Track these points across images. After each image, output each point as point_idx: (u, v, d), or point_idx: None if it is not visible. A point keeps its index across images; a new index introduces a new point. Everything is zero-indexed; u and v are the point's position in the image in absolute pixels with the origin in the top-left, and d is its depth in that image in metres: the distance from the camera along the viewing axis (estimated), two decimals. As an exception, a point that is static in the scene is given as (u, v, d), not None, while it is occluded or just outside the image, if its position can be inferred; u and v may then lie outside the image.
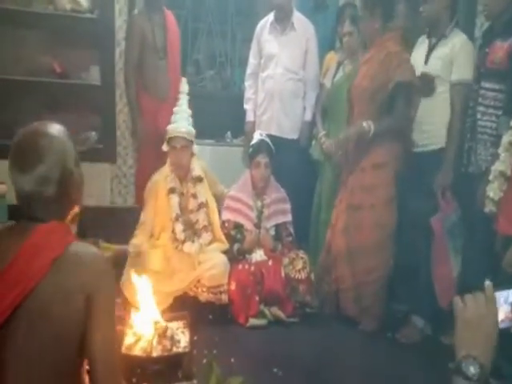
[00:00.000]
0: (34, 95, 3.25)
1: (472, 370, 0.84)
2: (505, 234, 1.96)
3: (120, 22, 3.42)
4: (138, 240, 2.63)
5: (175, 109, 2.73)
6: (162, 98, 3.12)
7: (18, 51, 3.30)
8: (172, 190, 2.67)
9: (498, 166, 2.01)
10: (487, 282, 0.91)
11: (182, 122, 2.66)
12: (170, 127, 2.67)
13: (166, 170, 2.72)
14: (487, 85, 2.23)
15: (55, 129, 1.11)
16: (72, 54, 3.39)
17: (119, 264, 2.84)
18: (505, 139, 2.00)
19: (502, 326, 0.92)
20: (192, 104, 2.81)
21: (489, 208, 2.03)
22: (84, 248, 1.12)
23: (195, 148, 2.74)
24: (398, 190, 2.52)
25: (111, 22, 3.40)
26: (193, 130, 2.69)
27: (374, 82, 2.45)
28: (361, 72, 2.55)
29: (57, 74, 3.32)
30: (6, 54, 3.26)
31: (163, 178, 2.68)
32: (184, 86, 2.74)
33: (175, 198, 2.67)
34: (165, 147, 2.71)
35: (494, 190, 2.01)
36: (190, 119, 2.70)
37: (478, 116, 2.27)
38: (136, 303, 2.28)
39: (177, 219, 2.66)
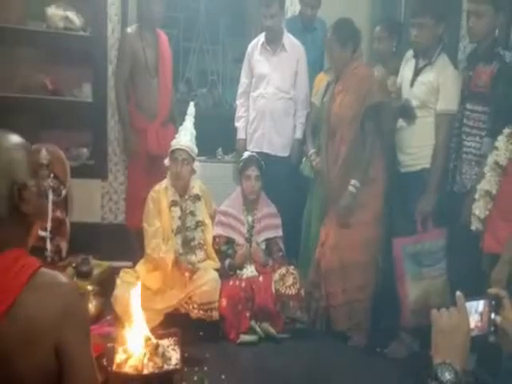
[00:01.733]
0: (27, 112, 3.26)
1: (447, 375, 0.90)
2: (490, 251, 2.01)
3: (113, 40, 3.46)
4: (155, 243, 2.63)
5: (180, 127, 2.80)
6: (152, 116, 3.15)
7: (10, 68, 3.32)
8: (174, 203, 2.71)
9: (483, 185, 2.06)
10: (458, 293, 0.98)
11: (185, 137, 2.73)
12: (173, 141, 2.74)
13: (165, 182, 2.76)
14: (471, 107, 2.29)
15: (2, 139, 0.95)
16: (64, 71, 3.42)
17: (109, 281, 2.84)
18: (490, 159, 2.06)
19: (471, 334, 0.97)
20: (183, 121, 2.87)
21: (475, 226, 2.08)
22: (47, 280, 0.93)
23: (197, 166, 2.78)
24: (385, 206, 2.58)
25: (104, 39, 3.44)
26: (195, 148, 2.75)
27: (351, 110, 2.55)
28: (337, 101, 2.64)
29: (49, 90, 3.34)
30: (-1, 71, 3.28)
31: (163, 189, 2.72)
32: (191, 109, 2.83)
33: (177, 212, 2.72)
34: (167, 161, 2.76)
35: (479, 209, 2.06)
36: (194, 139, 2.77)
37: (463, 136, 2.33)
38: (127, 319, 2.28)
39: (178, 232, 2.70)
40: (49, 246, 3.00)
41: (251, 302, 2.60)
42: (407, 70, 2.57)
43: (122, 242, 3.17)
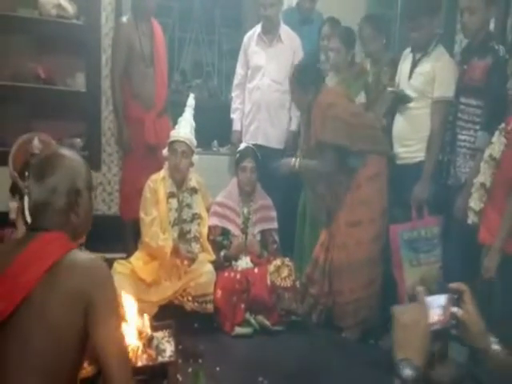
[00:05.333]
0: (19, 101, 3.22)
1: (407, 371, 0.89)
2: (485, 243, 2.03)
3: (106, 29, 3.41)
4: (153, 232, 2.61)
5: (180, 118, 2.77)
6: (148, 106, 3.12)
7: (2, 56, 3.26)
8: (172, 195, 2.70)
9: (479, 178, 2.08)
10: (419, 288, 0.99)
11: (184, 128, 2.70)
12: (172, 132, 2.72)
13: (163, 172, 2.73)
14: (466, 100, 2.31)
15: (70, 152, 1.26)
16: (57, 60, 3.37)
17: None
18: (486, 152, 2.08)
19: (434, 328, 0.98)
20: (178, 112, 2.85)
21: (471, 219, 2.10)
22: (81, 255, 1.15)
23: (195, 159, 2.76)
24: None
25: (97, 28, 3.40)
26: (194, 140, 2.73)
27: None
28: None
29: (42, 79, 3.29)
30: (-9, 59, 3.23)
31: (161, 179, 2.70)
32: (191, 101, 2.80)
33: (175, 204, 2.70)
34: (165, 152, 2.73)
35: (474, 201, 2.09)
36: (193, 131, 2.74)
37: (458, 130, 2.34)
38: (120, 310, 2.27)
39: (174, 224, 2.69)
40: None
41: (246, 294, 2.59)
42: (405, 65, 2.58)
43: (116, 234, 3.15)
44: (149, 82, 3.11)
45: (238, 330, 2.55)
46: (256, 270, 2.68)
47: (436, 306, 0.99)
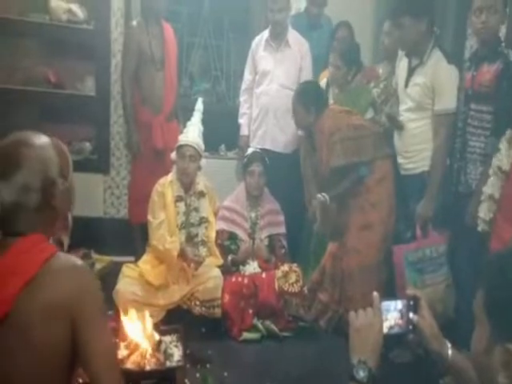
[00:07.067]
0: (29, 105, 3.25)
1: (361, 373, 0.94)
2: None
3: (116, 34, 3.44)
4: (160, 235, 2.61)
5: (188, 122, 2.79)
6: (156, 110, 3.14)
7: (13, 60, 3.30)
8: (179, 198, 2.70)
9: (487, 189, 2.06)
10: (374, 293, 1.03)
11: (193, 133, 2.72)
12: (181, 136, 2.73)
13: (171, 176, 2.74)
14: (476, 107, 2.26)
15: (37, 138, 1.07)
16: (67, 64, 3.40)
17: (111, 276, 2.83)
18: (494, 163, 2.05)
19: (392, 331, 1.04)
20: (187, 117, 2.86)
21: (481, 227, 2.08)
22: (63, 262, 1.03)
23: (203, 163, 2.77)
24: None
25: (107, 33, 3.43)
26: (202, 145, 2.74)
27: None
28: None
29: (52, 83, 3.32)
30: (1, 63, 3.26)
31: (168, 183, 2.71)
32: (199, 105, 2.82)
33: (182, 207, 2.71)
34: (173, 156, 2.74)
35: (484, 211, 2.06)
36: (201, 135, 2.75)
37: (468, 136, 2.30)
38: (129, 314, 2.28)
39: (182, 228, 2.69)
40: (50, 239, 3.00)
41: (254, 299, 2.59)
42: (401, 69, 2.53)
43: (124, 237, 3.17)
44: (158, 85, 3.12)
45: (246, 335, 2.54)
46: (264, 275, 2.68)
47: (393, 309, 1.05)
